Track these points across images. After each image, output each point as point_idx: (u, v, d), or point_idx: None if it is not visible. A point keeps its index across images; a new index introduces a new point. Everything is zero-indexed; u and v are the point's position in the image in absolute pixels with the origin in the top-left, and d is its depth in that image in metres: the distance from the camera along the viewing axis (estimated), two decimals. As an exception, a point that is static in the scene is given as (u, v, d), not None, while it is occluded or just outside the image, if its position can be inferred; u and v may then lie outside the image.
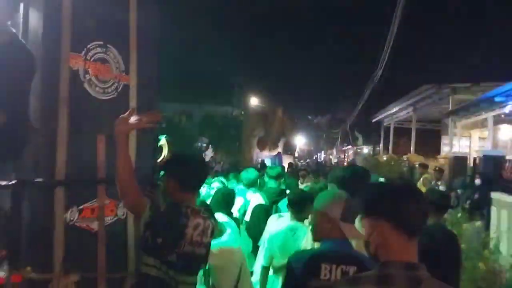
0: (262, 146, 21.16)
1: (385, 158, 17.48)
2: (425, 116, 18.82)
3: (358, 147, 30.71)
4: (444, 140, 17.89)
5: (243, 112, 20.93)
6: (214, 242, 2.89)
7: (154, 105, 3.21)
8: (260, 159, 19.93)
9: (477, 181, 8.42)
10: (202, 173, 2.80)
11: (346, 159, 31.54)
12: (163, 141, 3.71)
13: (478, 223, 7.08)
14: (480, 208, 7.57)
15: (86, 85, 2.65)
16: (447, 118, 15.53)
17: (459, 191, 9.50)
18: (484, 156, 9.83)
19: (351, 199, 2.42)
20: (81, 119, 2.60)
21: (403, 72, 25.61)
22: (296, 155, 32.82)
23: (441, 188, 9.74)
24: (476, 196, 8.04)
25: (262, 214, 4.77)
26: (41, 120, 2.43)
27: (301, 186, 7.96)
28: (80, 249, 2.56)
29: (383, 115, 21.02)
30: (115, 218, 2.79)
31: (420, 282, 1.51)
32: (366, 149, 27.97)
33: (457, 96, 14.12)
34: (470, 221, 7.15)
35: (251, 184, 5.44)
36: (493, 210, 7.04)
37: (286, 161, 19.82)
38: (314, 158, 37.54)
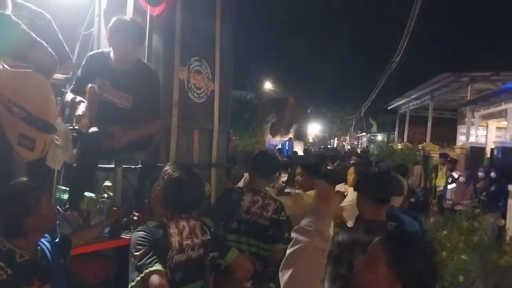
0: (274, 132, 21.91)
1: (400, 146, 17.97)
2: (442, 104, 19.28)
3: (372, 134, 31.50)
4: (461, 129, 18.48)
5: (256, 97, 21.66)
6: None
7: (229, 103, 4.14)
8: (271, 145, 20.67)
9: (493, 174, 8.55)
10: (271, 167, 3.65)
11: (359, 146, 32.41)
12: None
13: (494, 216, 7.32)
14: (497, 200, 7.95)
15: (188, 92, 3.56)
16: (465, 107, 16.01)
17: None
18: (503, 148, 10.22)
19: None
20: (184, 118, 3.48)
21: (421, 59, 26.17)
22: (311, 140, 33.71)
23: (459, 178, 10.30)
24: (493, 188, 8.30)
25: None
26: (161, 119, 3.29)
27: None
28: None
29: (399, 103, 21.43)
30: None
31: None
32: (380, 137, 28.75)
33: (476, 85, 14.50)
34: (486, 213, 7.28)
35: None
36: (510, 202, 7.32)
37: (297, 147, 20.64)
38: (327, 144, 38.43)
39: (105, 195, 3.39)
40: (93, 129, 2.87)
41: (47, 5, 3.29)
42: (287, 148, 19.85)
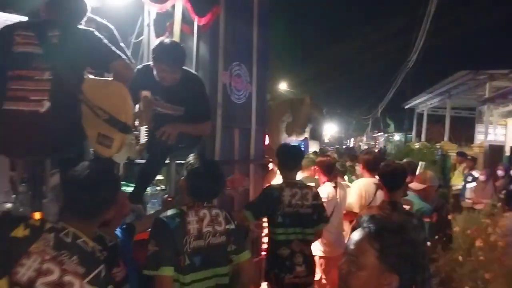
0: (289, 131, 22.13)
1: (417, 146, 18.02)
2: (459, 103, 19.41)
3: (389, 134, 31.72)
4: (479, 128, 18.55)
5: (270, 96, 21.97)
6: None
7: (265, 104, 4.57)
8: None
9: (512, 172, 8.52)
10: (296, 157, 4.00)
11: (376, 145, 32.67)
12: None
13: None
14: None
15: (230, 94, 4.00)
16: (483, 105, 16.01)
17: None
18: (522, 145, 10.56)
19: None
20: (226, 118, 3.91)
21: (438, 57, 26.27)
22: (327, 140, 34.10)
23: (478, 176, 10.47)
24: (512, 186, 8.26)
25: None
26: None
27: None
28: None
29: (416, 102, 21.62)
30: (243, 188, 4.16)
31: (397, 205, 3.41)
32: (397, 136, 28.95)
33: (494, 82, 14.59)
34: (506, 211, 7.87)
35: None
36: (529, 201, 7.11)
37: (312, 146, 20.98)
38: (343, 144, 38.72)
39: (158, 188, 3.81)
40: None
41: (99, 15, 3.69)
42: (303, 147, 20.25)
